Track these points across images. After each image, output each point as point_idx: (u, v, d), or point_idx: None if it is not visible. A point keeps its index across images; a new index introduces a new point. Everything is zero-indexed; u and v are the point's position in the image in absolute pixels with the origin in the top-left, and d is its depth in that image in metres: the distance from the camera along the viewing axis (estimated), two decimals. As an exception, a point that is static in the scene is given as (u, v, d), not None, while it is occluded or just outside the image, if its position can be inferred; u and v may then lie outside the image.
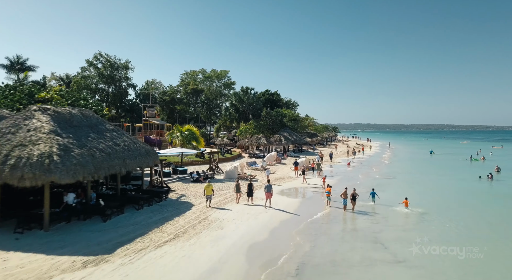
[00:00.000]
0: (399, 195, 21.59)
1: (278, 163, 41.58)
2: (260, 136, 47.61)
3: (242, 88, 61.75)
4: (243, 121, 60.83)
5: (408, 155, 63.44)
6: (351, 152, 62.36)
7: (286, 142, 51.19)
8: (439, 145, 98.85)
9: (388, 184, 29.22)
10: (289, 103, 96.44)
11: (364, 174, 34.84)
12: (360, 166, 42.01)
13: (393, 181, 30.84)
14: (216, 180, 27.29)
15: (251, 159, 45.41)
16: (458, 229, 15.95)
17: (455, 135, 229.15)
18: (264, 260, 11.28)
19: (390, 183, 29.82)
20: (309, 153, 60.04)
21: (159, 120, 49.77)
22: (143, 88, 77.72)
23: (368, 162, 48.15)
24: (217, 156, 33.32)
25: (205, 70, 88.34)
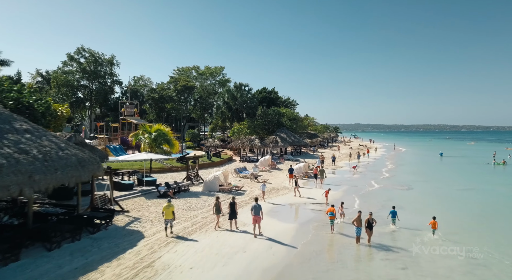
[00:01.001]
0: (423, 214, 16.57)
1: (272, 168, 36.14)
2: (253, 137, 42.17)
3: (236, 85, 56.28)
4: (237, 120, 55.41)
5: (417, 157, 58.02)
6: (355, 155, 56.94)
7: (283, 143, 45.78)
8: (446, 146, 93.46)
9: (405, 196, 23.81)
10: (288, 102, 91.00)
11: (374, 182, 29.39)
12: (367, 172, 36.59)
13: (410, 192, 25.41)
14: (191, 193, 21.83)
15: (243, 163, 39.98)
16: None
17: (458, 135, 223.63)
18: None
19: (406, 195, 24.41)
20: (309, 155, 54.58)
21: (138, 119, 44.34)
22: (129, 85, 72.22)
23: (375, 166, 42.71)
24: (197, 161, 27.82)
25: (199, 67, 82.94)
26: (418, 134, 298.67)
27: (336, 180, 30.24)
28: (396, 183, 29.01)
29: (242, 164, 38.49)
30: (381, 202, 21.53)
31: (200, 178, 26.30)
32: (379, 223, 14.48)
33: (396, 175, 34.54)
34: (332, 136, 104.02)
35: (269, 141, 45.94)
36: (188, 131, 58.60)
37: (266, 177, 30.15)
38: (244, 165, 37.57)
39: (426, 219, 15.80)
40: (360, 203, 20.96)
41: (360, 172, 36.36)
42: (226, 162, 39.29)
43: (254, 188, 24.95)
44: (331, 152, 65.21)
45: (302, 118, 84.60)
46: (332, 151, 68.76)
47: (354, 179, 31.37)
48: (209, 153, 37.59)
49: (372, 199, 22.57)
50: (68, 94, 63.54)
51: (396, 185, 28.24)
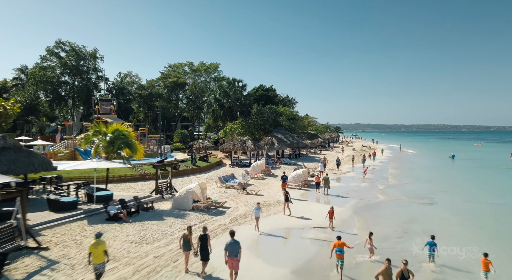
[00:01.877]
0: (462, 242, 12.42)
1: (266, 174, 31.14)
2: (245, 138, 37.15)
3: (228, 80, 51.10)
4: (230, 120, 50.40)
5: (428, 160, 52.95)
6: (359, 157, 51.86)
7: (279, 145, 40.77)
8: (453, 147, 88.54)
9: (429, 214, 18.84)
10: (286, 100, 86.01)
11: (387, 194, 24.38)
12: (375, 178, 31.60)
13: (434, 209, 20.40)
14: (155, 213, 16.82)
15: (233, 168, 35.00)
16: None
17: (461, 135, 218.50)
18: None
19: (430, 212, 19.42)
20: (309, 158, 49.56)
21: (115, 118, 39.31)
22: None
23: (384, 171, 37.69)
24: (172, 168, 22.88)
25: (192, 63, 77.97)
26: (420, 134, 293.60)
27: (341, 190, 25.24)
28: (413, 195, 23.97)
29: (232, 170, 33.50)
30: (401, 224, 16.59)
31: (174, 189, 21.29)
32: (408, 259, 9.45)
33: (410, 183, 29.53)
34: (334, 136, 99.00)
35: (264, 142, 40.93)
36: (176, 131, 53.63)
37: (257, 187, 25.17)
38: (234, 170, 32.59)
39: (470, 252, 11.91)
40: (373, 225, 15.98)
41: (367, 179, 31.38)
42: (213, 167, 34.28)
43: (241, 202, 19.98)
44: (333, 153, 60.22)
45: (301, 118, 79.68)
46: (334, 152, 63.78)
47: (362, 189, 26.33)
48: (193, 157, 32.57)
49: (389, 219, 17.59)
50: (48, 91, 58.58)
51: (413, 197, 23.20)
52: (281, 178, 23.51)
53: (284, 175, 23.76)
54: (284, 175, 23.66)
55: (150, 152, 36.46)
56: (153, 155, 36.36)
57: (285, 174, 23.98)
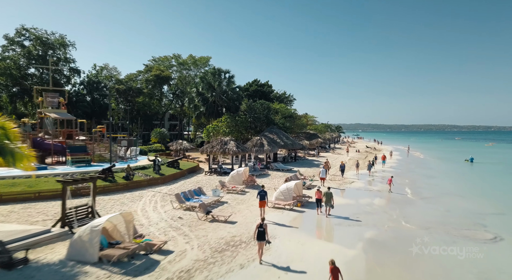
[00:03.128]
0: None
1: (250, 186, 23.87)
2: (226, 139, 29.81)
3: (213, 70, 43.74)
4: (214, 117, 43.09)
5: (443, 164, 45.61)
6: (364, 161, 44.69)
7: (270, 147, 33.46)
8: (463, 149, 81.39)
9: (505, 268, 11.51)
10: (283, 97, 78.82)
11: (414, 218, 17.06)
12: (397, 192, 24.27)
13: (503, 250, 13.11)
14: (25, 272, 9.53)
15: (210, 176, 27.76)
16: None
17: (466, 136, 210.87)
18: None
19: (503, 259, 12.12)
20: (307, 161, 42.24)
21: (64, 113, 31.87)
22: (91, 75, 59.90)
23: (400, 180, 30.40)
24: (95, 183, 15.60)
25: (180, 55, 70.74)
26: (423, 134, 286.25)
27: (348, 210, 17.99)
28: (454, 221, 16.67)
29: (207, 179, 26.25)
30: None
31: (97, 214, 14.00)
32: None
33: (438, 199, 22.24)
34: (335, 137, 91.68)
35: (252, 143, 33.64)
36: (154, 130, 46.42)
37: (232, 206, 17.97)
38: (208, 180, 25.39)
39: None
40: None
41: (380, 191, 24.13)
42: (183, 176, 27.00)
43: (195, 239, 12.80)
44: (335, 156, 52.92)
45: (300, 116, 72.47)
46: (336, 154, 56.45)
47: (377, 209, 19.01)
48: (156, 163, 25.26)
49: (441, 277, 10.33)
50: (9, 84, 51.31)
51: (457, 226, 15.89)
52: (258, 195, 16.36)
53: (261, 190, 16.51)
54: (261, 191, 16.43)
55: (108, 156, 29.17)
56: (114, 158, 29.10)
57: (263, 189, 16.70)
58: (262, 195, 16.31)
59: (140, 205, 17.54)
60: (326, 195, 17.32)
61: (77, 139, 30.54)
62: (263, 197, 16.26)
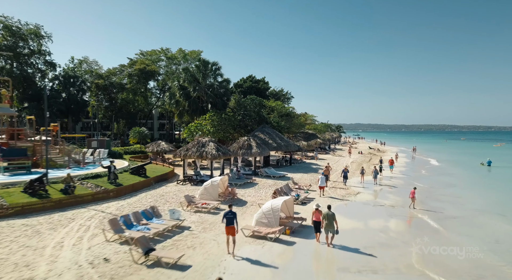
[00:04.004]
0: None
1: (227, 199, 18.67)
2: (205, 140, 24.55)
3: (198, 62, 38.36)
4: (198, 114, 37.85)
5: (458, 169, 40.34)
6: (369, 164, 39.70)
7: (259, 149, 28.23)
8: (471, 149, 76.40)
9: None
10: (280, 94, 73.65)
11: (464, 275, 11.86)
12: (406, 205, 19.01)
13: None
14: None
15: (183, 185, 22.57)
16: None
17: (469, 136, 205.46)
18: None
19: None
20: (304, 165, 37.00)
21: (5, 107, 26.38)
22: (68, 68, 54.67)
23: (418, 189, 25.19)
24: None
25: (168, 49, 65.58)
26: (423, 134, 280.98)
27: (356, 240, 12.83)
28: (507, 259, 11.52)
29: (178, 190, 21.05)
30: None
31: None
32: None
33: (476, 217, 17.06)
34: (335, 137, 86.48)
35: (238, 145, 28.44)
36: (133, 130, 41.25)
37: (193, 236, 12.85)
38: (177, 192, 20.20)
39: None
40: None
41: (393, 207, 18.96)
42: (147, 187, 21.76)
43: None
44: (335, 158, 47.68)
45: (298, 115, 67.35)
46: (337, 156, 51.18)
47: (398, 241, 13.76)
48: (111, 170, 20.02)
49: None
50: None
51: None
52: (224, 218, 11.35)
53: (228, 212, 11.45)
54: (228, 212, 11.41)
55: (61, 161, 23.96)
56: (67, 163, 23.88)
57: (231, 210, 11.63)
58: (229, 218, 11.33)
59: (60, 235, 12.34)
60: (327, 217, 12.30)
61: (25, 140, 25.29)
62: (231, 220, 11.26)
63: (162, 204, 17.31)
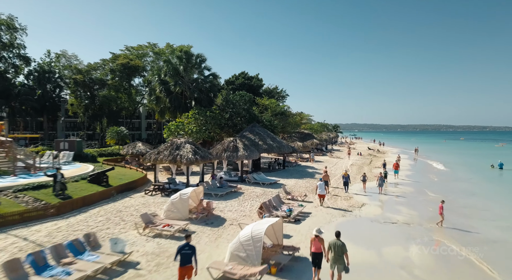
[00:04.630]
0: None
1: (200, 218, 14.73)
2: (180, 141, 20.55)
3: (180, 54, 34.27)
4: (181, 112, 33.84)
5: (468, 172, 36.74)
6: (369, 169, 36.21)
7: (247, 151, 24.30)
8: (474, 150, 73.29)
9: None
10: (275, 92, 69.78)
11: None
12: (422, 225, 15.20)
13: None
14: None
15: (154, 196, 18.59)
16: None
17: (466, 136, 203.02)
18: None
19: None
20: (299, 169, 33.13)
21: None
22: (44, 63, 50.37)
23: (431, 199, 21.42)
24: None
25: (156, 44, 61.41)
26: (420, 134, 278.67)
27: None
28: None
29: (144, 203, 17.07)
30: None
31: None
32: None
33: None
34: (332, 137, 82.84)
35: (222, 147, 24.51)
36: (110, 129, 37.14)
37: (139, 279, 8.81)
38: (145, 205, 16.23)
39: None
40: None
41: (409, 224, 15.17)
42: (104, 199, 17.70)
43: None
44: (333, 160, 43.85)
45: (293, 114, 63.55)
46: (335, 158, 47.33)
47: (421, 274, 9.94)
48: (57, 179, 15.97)
49: None
50: None
51: None
52: (177, 253, 7.55)
53: (185, 246, 7.77)
54: (185, 246, 7.74)
55: (6, 166, 19.88)
56: (12, 170, 19.80)
57: (188, 246, 7.88)
58: (185, 255, 7.59)
59: None
60: (335, 248, 8.57)
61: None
62: (187, 258, 7.52)
63: (113, 226, 13.34)
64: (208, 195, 19.14)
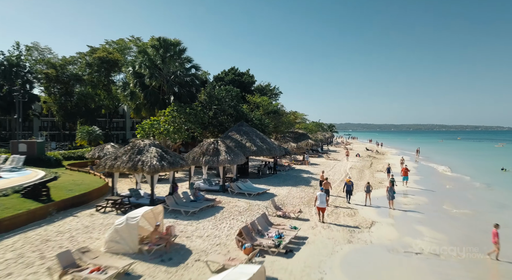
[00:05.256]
0: None
1: (154, 252, 10.60)
2: (144, 143, 16.42)
3: (156, 42, 29.94)
4: (159, 109, 29.60)
5: (481, 176, 33.09)
6: (372, 171, 32.65)
7: (230, 155, 20.23)
8: (475, 151, 70.24)
9: None
10: (267, 90, 65.80)
11: None
12: (486, 253, 11.37)
13: None
14: None
15: (107, 213, 14.41)
16: None
17: (462, 135, 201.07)
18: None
19: None
20: (292, 174, 29.14)
21: None
22: (10, 55, 45.73)
23: (455, 211, 17.59)
24: None
25: (139, 38, 57.08)
26: (415, 134, 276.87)
27: None
28: None
29: (90, 223, 12.89)
30: None
31: None
32: None
33: None
34: (327, 137, 79.14)
35: (200, 150, 20.41)
36: (80, 128, 32.88)
37: None
38: (89, 227, 12.05)
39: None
40: None
41: (438, 256, 11.30)
42: (40, 219, 13.51)
43: None
44: (330, 162, 39.92)
45: (287, 114, 59.68)
46: (332, 160, 43.40)
47: None
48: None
49: None
50: None
51: None
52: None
53: None
54: None
55: None
56: None
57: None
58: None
59: None
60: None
61: None
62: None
63: (20, 269, 9.16)
64: (176, 213, 15.06)
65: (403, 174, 24.85)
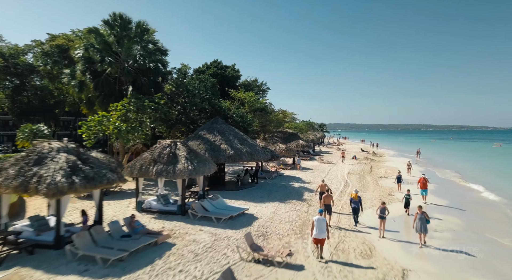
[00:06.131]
0: None
1: None
2: (47, 148, 10.65)
3: (112, 19, 23.81)
4: (114, 102, 23.53)
5: (501, 183, 28.27)
6: (374, 176, 27.46)
7: (193, 164, 14.52)
8: (475, 152, 66.39)
9: None
10: (254, 85, 60.23)
11: None
12: None
13: None
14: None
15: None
16: None
17: (455, 135, 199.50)
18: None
19: None
20: (279, 184, 23.53)
21: None
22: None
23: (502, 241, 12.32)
24: None
25: (111, 27, 50.36)
26: (403, 134, 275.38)
27: None
28: None
29: None
30: None
31: None
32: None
33: None
34: (319, 137, 74.02)
35: (151, 156, 14.58)
36: (23, 127, 26.68)
37: None
38: None
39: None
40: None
41: None
42: None
43: None
44: (325, 167, 34.30)
45: (275, 111, 54.28)
46: (326, 163, 37.82)
47: None
48: None
49: None
50: None
51: None
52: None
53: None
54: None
55: None
56: None
57: None
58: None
59: None
60: None
61: None
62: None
63: None
64: (88, 261, 9.25)
65: (421, 186, 19.14)
